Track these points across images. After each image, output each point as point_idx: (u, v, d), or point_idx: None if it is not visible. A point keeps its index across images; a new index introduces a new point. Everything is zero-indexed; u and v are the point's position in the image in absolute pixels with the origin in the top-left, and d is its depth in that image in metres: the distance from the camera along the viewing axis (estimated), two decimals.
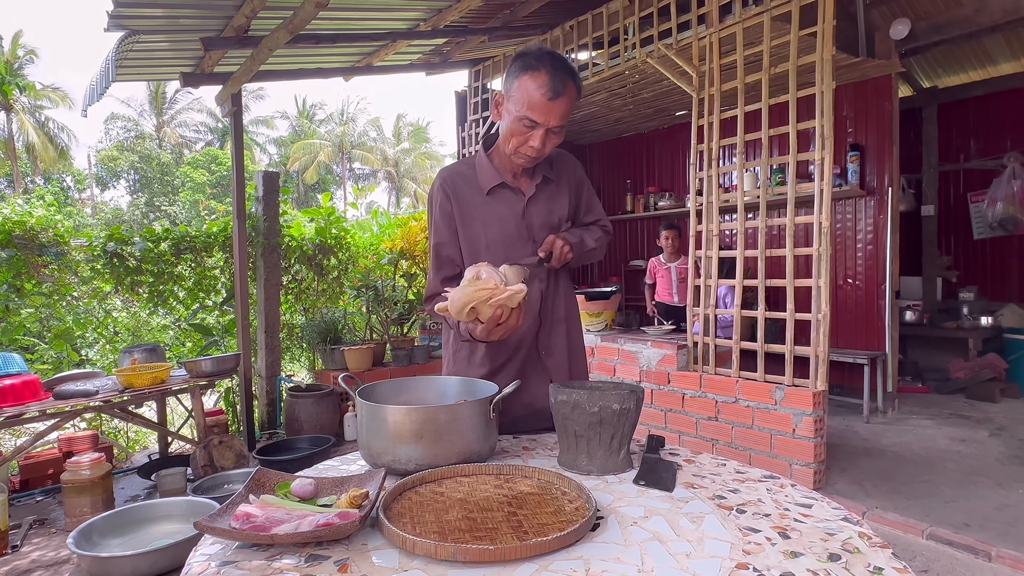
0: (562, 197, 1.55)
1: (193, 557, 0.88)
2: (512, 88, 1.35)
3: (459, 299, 1.24)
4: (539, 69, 1.30)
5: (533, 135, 1.35)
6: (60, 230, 4.05)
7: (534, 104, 1.31)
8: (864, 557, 0.84)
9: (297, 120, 33.83)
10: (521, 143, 1.37)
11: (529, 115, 1.32)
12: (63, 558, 2.55)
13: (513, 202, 1.50)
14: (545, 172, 1.52)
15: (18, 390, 2.98)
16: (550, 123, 1.33)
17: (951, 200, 6.13)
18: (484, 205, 1.49)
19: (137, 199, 24.81)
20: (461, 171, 1.53)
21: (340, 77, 4.74)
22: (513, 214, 1.49)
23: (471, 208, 1.50)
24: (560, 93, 1.30)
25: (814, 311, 3.00)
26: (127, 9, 2.93)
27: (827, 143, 2.95)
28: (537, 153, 1.38)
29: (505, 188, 1.50)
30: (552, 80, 1.29)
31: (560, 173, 1.56)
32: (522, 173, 1.51)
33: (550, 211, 1.53)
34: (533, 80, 1.30)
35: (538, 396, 1.53)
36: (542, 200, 1.52)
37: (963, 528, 2.54)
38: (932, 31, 4.74)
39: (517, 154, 1.40)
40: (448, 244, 1.52)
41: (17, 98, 22.44)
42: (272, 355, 4.86)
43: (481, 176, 1.50)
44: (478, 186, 1.50)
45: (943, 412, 4.49)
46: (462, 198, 1.50)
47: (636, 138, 6.34)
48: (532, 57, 1.33)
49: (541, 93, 1.30)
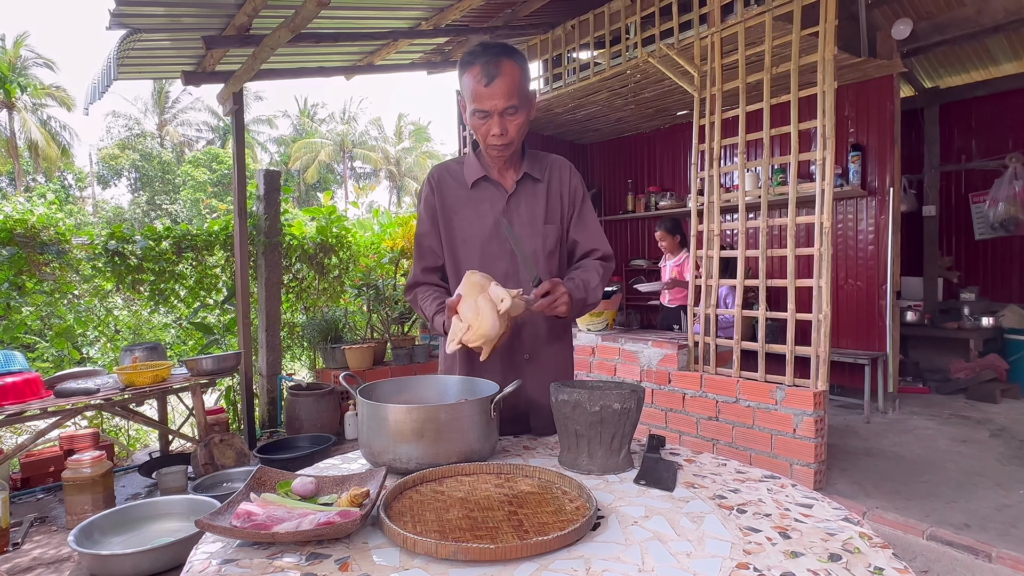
0: (547, 199, 1.54)
1: (194, 555, 0.88)
2: (462, 90, 1.42)
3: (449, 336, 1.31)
4: (472, 63, 1.36)
5: (490, 124, 1.39)
6: (61, 228, 4.06)
7: (477, 95, 1.36)
8: (865, 557, 0.84)
9: (298, 119, 33.87)
10: (485, 135, 1.42)
11: (477, 107, 1.38)
12: (64, 556, 2.55)
13: (495, 197, 1.52)
14: (531, 171, 1.53)
15: (19, 388, 2.98)
16: (497, 107, 1.37)
17: (952, 200, 6.12)
18: (467, 199, 1.53)
19: (138, 197, 24.84)
20: (450, 167, 1.58)
21: (341, 76, 4.73)
22: (493, 209, 1.51)
23: (453, 202, 1.54)
24: (494, 76, 1.34)
25: (815, 311, 3.00)
26: (129, 7, 2.93)
27: (828, 143, 2.95)
28: (501, 140, 1.41)
29: (488, 182, 1.52)
30: (484, 67, 1.34)
31: (551, 176, 1.56)
32: (507, 170, 1.53)
33: (530, 210, 1.53)
34: (470, 75, 1.37)
35: (521, 398, 1.50)
36: (525, 197, 1.53)
37: (963, 529, 2.54)
38: (934, 31, 4.73)
39: (489, 148, 1.45)
40: (429, 235, 1.57)
41: (19, 97, 22.47)
42: (273, 354, 4.86)
43: (467, 170, 1.54)
44: (463, 180, 1.54)
45: (944, 413, 4.49)
46: (447, 192, 1.54)
47: (637, 137, 6.34)
48: (467, 55, 1.39)
49: (476, 82, 1.35)
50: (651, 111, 5.47)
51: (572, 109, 5.31)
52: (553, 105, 5.14)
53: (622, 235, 6.64)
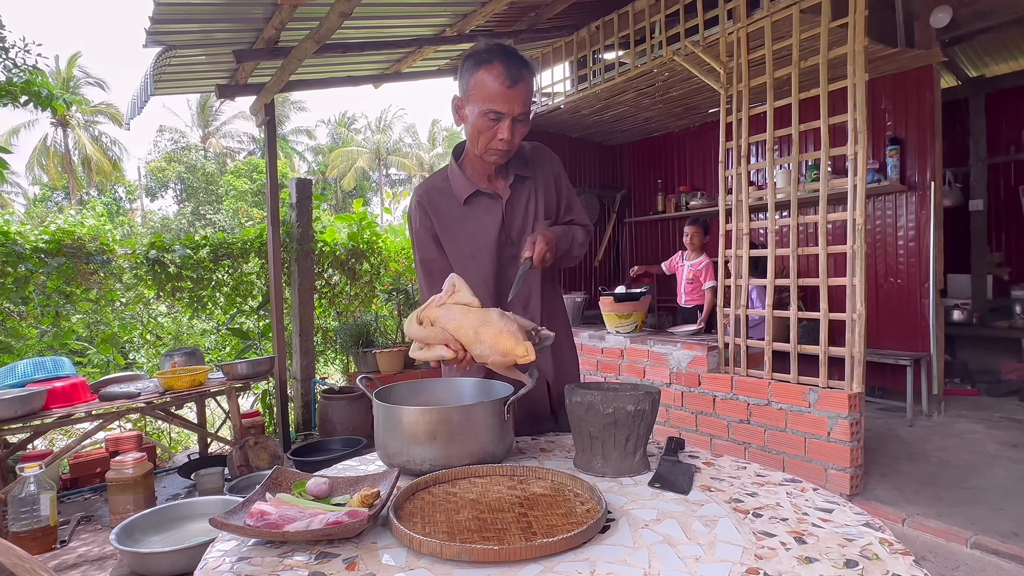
0: (540, 194, 1.52)
1: (210, 552, 0.90)
2: (469, 87, 1.35)
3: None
4: (492, 61, 1.32)
5: (500, 127, 1.34)
6: (106, 239, 4.24)
7: (494, 95, 1.31)
8: (883, 564, 0.81)
9: (335, 129, 34.59)
10: (490, 139, 1.37)
11: (492, 107, 1.32)
12: (108, 553, 2.66)
13: (492, 208, 1.48)
14: (518, 170, 1.50)
15: (67, 392, 3.13)
16: (514, 111, 1.33)
17: (1001, 194, 5.84)
18: (463, 216, 1.49)
19: (183, 208, 25.71)
20: (435, 184, 1.52)
21: (370, 84, 4.82)
22: (493, 220, 1.48)
23: (450, 221, 1.49)
24: (518, 79, 1.31)
25: (849, 311, 2.91)
26: (163, 25, 3.05)
27: (860, 137, 2.86)
28: (508, 145, 1.37)
29: (481, 195, 1.48)
30: (507, 68, 1.31)
31: (536, 169, 1.54)
32: (496, 175, 1.49)
33: (529, 211, 1.51)
34: (489, 72, 1.31)
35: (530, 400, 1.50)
36: (519, 200, 1.50)
37: (1011, 537, 2.42)
38: (975, 18, 4.54)
39: (488, 151, 1.39)
40: (438, 259, 1.51)
41: (72, 114, 23.59)
42: (307, 358, 4.97)
43: (456, 186, 1.49)
44: (454, 197, 1.49)
45: (993, 416, 4.29)
46: (440, 212, 1.49)
47: (666, 137, 6.26)
48: (483, 52, 1.34)
49: (500, 83, 1.30)
50: (680, 110, 5.40)
51: (599, 110, 5.28)
52: (580, 107, 5.12)
53: (652, 236, 6.56)
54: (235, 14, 3.19)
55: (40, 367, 3.28)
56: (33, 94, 4.30)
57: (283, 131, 30.49)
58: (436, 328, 1.22)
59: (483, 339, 1.19)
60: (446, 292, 1.25)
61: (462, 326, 1.20)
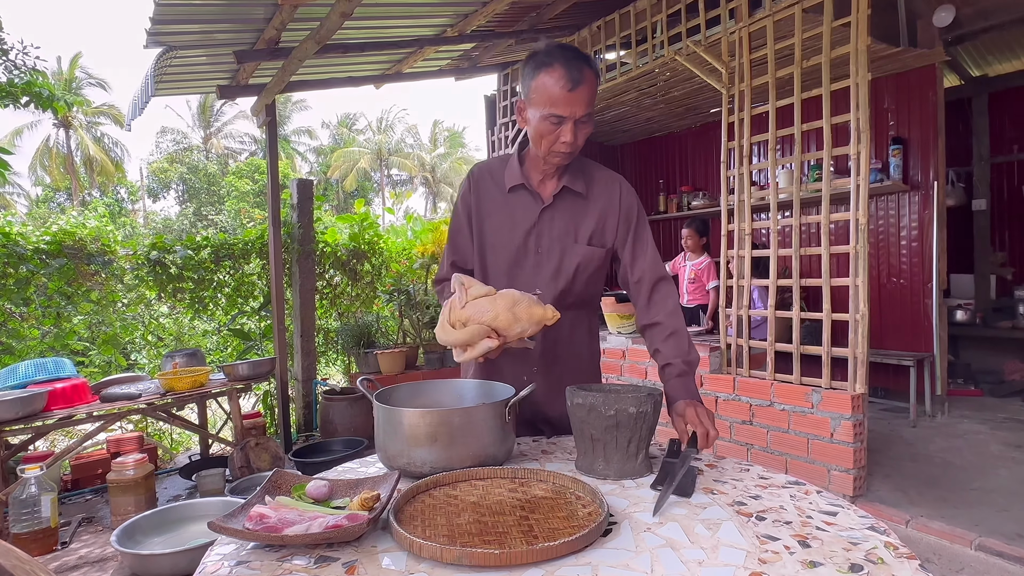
0: (589, 217, 1.48)
1: (208, 556, 0.90)
2: (530, 90, 1.34)
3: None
4: (552, 64, 1.29)
5: (563, 130, 1.33)
6: (107, 240, 4.24)
7: (556, 99, 1.29)
8: (888, 568, 0.80)
9: (337, 129, 34.61)
10: (553, 142, 1.35)
11: (553, 111, 1.30)
12: (109, 555, 2.65)
13: (530, 206, 1.47)
14: (572, 184, 1.45)
15: (68, 393, 3.12)
16: (576, 114, 1.31)
17: (1005, 193, 5.82)
18: (502, 204, 1.48)
19: (186, 209, 25.74)
20: (491, 165, 1.53)
21: (371, 85, 4.81)
22: (526, 219, 1.46)
23: (488, 205, 1.50)
24: (579, 82, 1.28)
25: (852, 311, 2.89)
26: (164, 26, 3.05)
27: (863, 137, 2.85)
28: (571, 147, 1.35)
29: (524, 191, 1.47)
30: (568, 71, 1.28)
31: (600, 193, 1.49)
32: (549, 179, 1.47)
33: (570, 226, 1.46)
34: (550, 76, 1.29)
35: (544, 403, 1.50)
36: (561, 211, 1.47)
37: (1016, 539, 2.40)
38: (979, 17, 4.52)
39: (551, 154, 1.38)
40: (463, 233, 1.53)
41: (74, 115, 23.64)
42: (308, 359, 4.96)
43: (507, 174, 1.49)
44: (503, 183, 1.49)
45: (997, 416, 4.27)
46: (484, 193, 1.50)
47: (668, 137, 6.25)
48: (543, 55, 1.32)
49: (560, 87, 1.28)
50: (681, 109, 5.38)
51: (601, 110, 5.27)
52: None
53: (654, 236, 6.52)
54: (236, 14, 3.18)
55: (41, 368, 3.28)
56: (34, 95, 4.30)
57: (285, 131, 30.51)
58: (471, 326, 1.22)
59: (520, 316, 1.22)
60: (460, 293, 1.25)
61: (498, 314, 1.21)
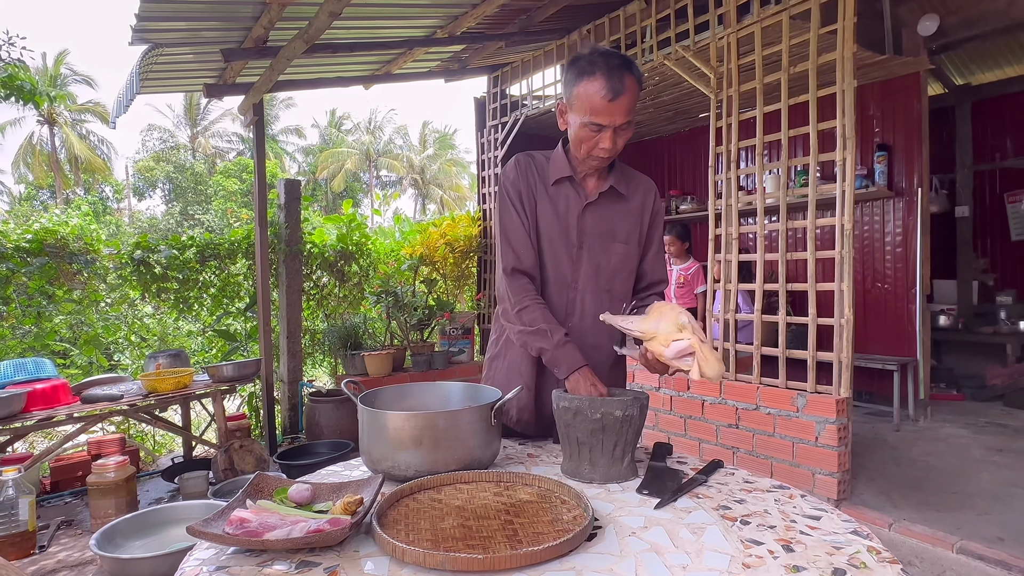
0: (629, 220, 1.50)
1: (187, 561, 0.88)
2: (572, 96, 1.34)
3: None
4: (594, 72, 1.29)
5: (602, 137, 1.33)
6: (90, 238, 4.17)
7: (596, 108, 1.30)
8: (871, 573, 0.81)
9: (326, 130, 34.44)
10: (592, 147, 1.36)
11: (593, 120, 1.31)
12: (88, 559, 2.61)
13: (573, 201, 1.47)
14: (617, 185, 1.47)
15: (48, 394, 3.07)
16: (616, 122, 1.31)
17: (987, 200, 5.91)
18: (547, 194, 1.48)
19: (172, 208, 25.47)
20: (536, 157, 1.52)
21: (360, 85, 4.79)
22: (569, 213, 1.46)
23: (537, 193, 1.49)
24: (620, 92, 1.28)
25: (837, 315, 2.92)
26: (150, 23, 3.01)
27: (849, 143, 2.87)
28: (610, 153, 1.36)
29: (570, 184, 1.47)
30: (609, 80, 1.28)
31: (636, 195, 1.52)
32: (593, 176, 1.48)
33: (610, 226, 1.48)
34: (591, 84, 1.29)
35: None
36: (603, 210, 1.48)
37: (996, 542, 2.43)
38: (963, 26, 4.59)
39: (590, 158, 1.39)
40: (516, 230, 1.46)
41: (59, 112, 23.32)
42: (294, 360, 4.92)
43: (552, 166, 1.48)
44: (547, 175, 1.48)
45: (979, 420, 4.32)
46: (532, 180, 1.49)
47: (657, 141, 6.29)
48: (585, 61, 1.32)
49: (601, 96, 1.28)
50: (670, 114, 5.42)
51: None
52: None
53: None
54: (223, 12, 3.15)
55: (21, 368, 3.22)
56: (15, 88, 4.23)
57: (273, 131, 30.31)
58: (687, 333, 1.19)
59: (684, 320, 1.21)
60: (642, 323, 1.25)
61: (675, 322, 1.21)
